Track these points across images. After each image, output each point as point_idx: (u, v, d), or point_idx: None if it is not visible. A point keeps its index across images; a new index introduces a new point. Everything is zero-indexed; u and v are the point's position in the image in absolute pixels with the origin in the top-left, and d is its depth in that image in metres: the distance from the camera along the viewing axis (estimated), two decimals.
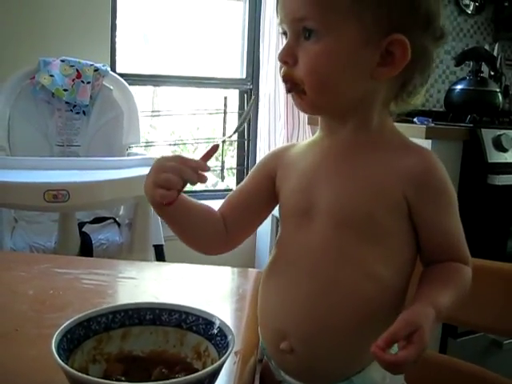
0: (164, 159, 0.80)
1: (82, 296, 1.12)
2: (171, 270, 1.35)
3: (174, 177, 0.78)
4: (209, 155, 0.82)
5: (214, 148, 0.83)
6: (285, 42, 0.83)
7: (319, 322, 0.81)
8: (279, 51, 0.82)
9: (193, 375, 0.64)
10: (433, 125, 2.35)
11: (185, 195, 0.85)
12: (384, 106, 0.84)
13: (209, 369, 0.66)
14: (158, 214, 0.85)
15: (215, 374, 0.68)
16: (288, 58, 0.81)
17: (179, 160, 0.79)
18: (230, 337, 0.73)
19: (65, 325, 0.75)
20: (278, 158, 0.92)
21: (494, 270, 1.08)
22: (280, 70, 0.84)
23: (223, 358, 0.68)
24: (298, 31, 0.80)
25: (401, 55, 0.78)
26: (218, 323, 0.77)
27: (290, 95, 0.85)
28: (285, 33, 0.83)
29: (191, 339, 0.80)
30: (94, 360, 0.77)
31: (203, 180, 0.80)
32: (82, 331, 0.77)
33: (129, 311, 0.81)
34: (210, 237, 0.93)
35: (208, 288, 1.20)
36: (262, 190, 0.91)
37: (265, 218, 0.95)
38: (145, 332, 0.81)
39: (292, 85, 0.82)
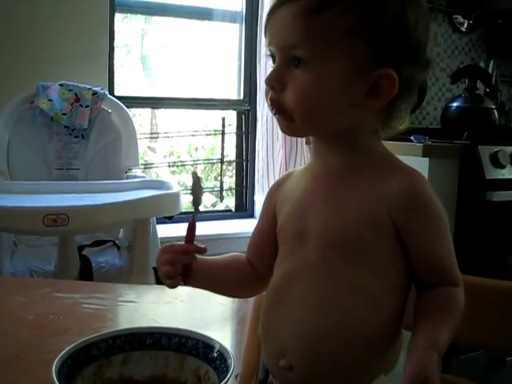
0: (160, 253, 0.90)
1: (82, 321, 1.12)
2: (171, 294, 1.34)
3: (170, 268, 0.88)
4: (191, 234, 0.90)
5: (191, 224, 0.90)
6: (272, 64, 0.83)
7: (315, 341, 0.81)
8: (267, 75, 0.82)
9: None
10: (429, 143, 2.36)
11: (207, 258, 0.94)
12: (372, 132, 0.85)
13: None
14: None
15: None
16: (276, 83, 0.81)
17: (169, 250, 0.89)
18: (229, 361, 0.73)
19: (65, 351, 0.75)
20: (277, 188, 0.94)
21: (494, 288, 1.08)
22: (266, 94, 0.84)
23: (223, 382, 0.68)
24: (288, 58, 0.80)
25: (388, 88, 0.79)
26: (217, 347, 0.78)
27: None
28: (272, 55, 0.83)
29: (191, 363, 0.80)
30: None
31: (201, 251, 0.90)
32: (82, 357, 0.77)
33: (129, 336, 0.82)
34: (243, 284, 0.98)
35: (208, 311, 1.20)
36: (273, 223, 0.92)
37: None
38: (145, 356, 0.81)
39: (279, 110, 0.82)
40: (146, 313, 1.18)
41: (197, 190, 0.93)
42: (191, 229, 0.90)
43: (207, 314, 1.18)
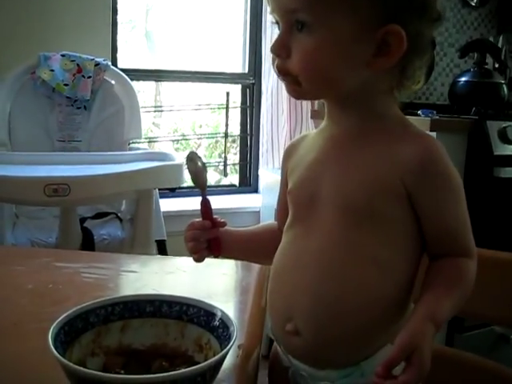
0: (185, 230, 0.94)
1: (82, 290, 1.10)
2: (173, 264, 1.33)
3: (193, 243, 0.93)
4: (205, 211, 0.94)
5: (202, 203, 0.94)
6: (277, 32, 0.81)
7: (323, 305, 0.81)
8: (272, 43, 0.81)
9: (194, 367, 0.62)
10: (437, 117, 2.32)
11: (240, 229, 1.00)
12: (387, 94, 0.83)
13: (210, 361, 0.64)
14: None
15: (217, 366, 0.66)
16: (281, 50, 0.80)
17: (190, 227, 0.93)
18: (231, 328, 0.71)
19: (62, 317, 0.73)
20: (289, 151, 0.95)
21: (503, 261, 1.06)
22: (273, 62, 0.83)
23: (225, 350, 0.66)
24: (291, 23, 0.78)
25: (397, 46, 0.76)
26: (219, 315, 0.75)
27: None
28: (277, 22, 0.82)
29: (192, 332, 0.78)
30: (92, 353, 0.76)
31: (219, 226, 0.94)
32: (80, 324, 0.75)
33: (128, 303, 0.80)
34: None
35: (211, 281, 1.18)
36: None
37: None
38: (145, 325, 0.80)
39: (286, 77, 0.81)
40: (147, 283, 1.16)
41: (195, 170, 0.93)
42: (204, 206, 0.93)
43: (210, 285, 1.16)
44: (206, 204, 0.93)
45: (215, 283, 1.18)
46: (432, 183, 0.78)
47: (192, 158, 0.94)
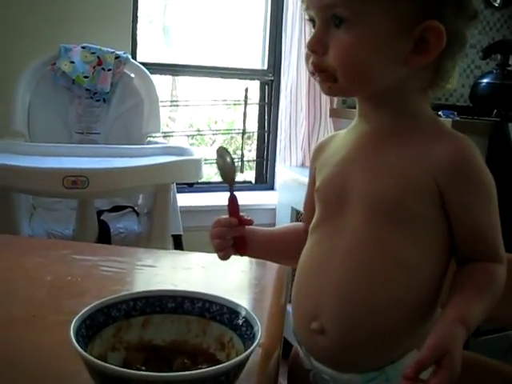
0: (211, 227, 0.93)
1: (101, 283, 1.10)
2: (190, 259, 1.33)
3: (218, 241, 0.92)
4: (232, 208, 0.92)
5: (229, 199, 0.92)
6: (308, 29, 0.80)
7: (350, 305, 0.80)
8: (308, 39, 0.80)
9: (218, 366, 0.61)
10: (458, 118, 2.30)
11: (266, 229, 1.00)
12: (420, 92, 0.82)
13: (235, 360, 0.63)
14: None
15: (241, 365, 0.65)
16: (318, 47, 0.79)
17: (216, 224, 0.92)
18: (256, 327, 0.70)
19: (84, 311, 0.73)
20: (319, 150, 0.94)
21: None
22: (307, 58, 0.82)
23: (250, 350, 0.65)
24: (327, 19, 0.77)
25: (436, 42, 0.75)
26: (243, 313, 0.74)
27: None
28: (311, 19, 0.81)
29: (214, 329, 0.77)
30: (113, 348, 0.75)
31: (246, 224, 0.93)
32: (101, 318, 0.74)
33: (150, 299, 0.79)
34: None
35: (228, 278, 1.17)
36: None
37: None
38: (166, 320, 0.79)
39: (322, 73, 0.80)
40: (165, 278, 1.15)
41: (224, 165, 0.93)
42: (231, 203, 0.92)
43: (227, 282, 1.15)
44: (233, 200, 0.92)
45: (233, 280, 1.17)
46: (465, 183, 0.77)
47: (221, 154, 0.92)
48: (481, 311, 0.74)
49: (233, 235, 0.92)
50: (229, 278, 1.17)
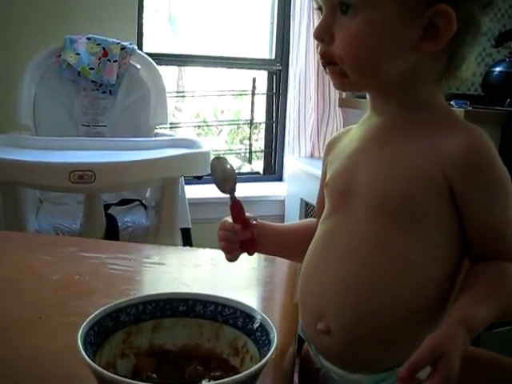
0: (219, 228, 0.90)
1: (109, 282, 1.07)
2: (199, 256, 1.30)
3: (225, 243, 0.89)
4: (236, 215, 0.88)
5: (232, 207, 0.88)
6: (317, 18, 0.78)
7: (354, 303, 0.77)
8: (314, 28, 0.77)
9: (234, 377, 0.58)
10: (470, 108, 2.25)
11: (278, 225, 0.98)
12: (433, 82, 0.78)
13: (251, 370, 0.60)
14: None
15: (257, 374, 0.62)
16: (324, 35, 0.76)
17: (221, 227, 0.89)
18: (272, 334, 0.67)
19: (92, 316, 0.70)
20: (331, 144, 0.92)
21: None
22: (316, 48, 0.79)
23: (267, 358, 0.62)
24: (334, 6, 0.75)
25: (446, 27, 0.72)
26: (259, 318, 0.71)
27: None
28: (319, 8, 0.78)
29: (228, 333, 0.74)
30: (122, 354, 0.72)
31: (250, 227, 0.89)
32: (110, 323, 0.71)
33: (160, 302, 0.76)
34: None
35: (240, 275, 1.14)
36: None
37: None
38: (177, 324, 0.76)
39: (332, 67, 0.78)
40: (176, 276, 1.12)
41: (224, 171, 0.88)
42: (234, 210, 0.88)
43: (238, 279, 1.12)
44: (235, 207, 0.88)
45: (244, 277, 1.14)
46: (478, 177, 0.73)
47: (219, 162, 0.88)
48: (487, 313, 0.71)
49: (239, 239, 0.89)
50: (239, 276, 1.14)
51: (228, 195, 0.88)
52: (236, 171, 0.88)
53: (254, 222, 0.89)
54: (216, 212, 0.94)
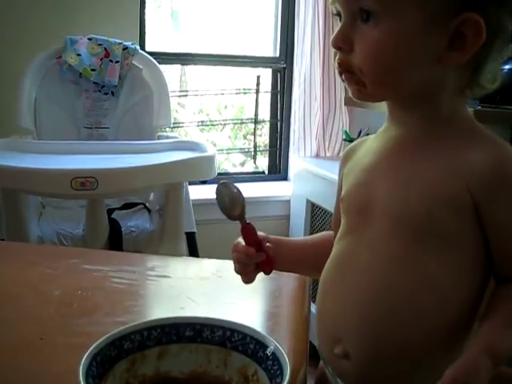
0: (232, 249, 0.86)
1: (113, 297, 1.05)
2: (205, 267, 1.27)
3: (239, 265, 0.86)
4: (248, 239, 0.84)
5: (242, 232, 0.84)
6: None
7: (374, 328, 0.74)
8: (333, 36, 0.73)
9: None
10: (480, 107, 2.21)
11: (294, 240, 0.97)
12: (456, 94, 0.74)
13: None
14: None
15: None
16: (343, 43, 0.72)
17: (234, 249, 0.85)
18: (285, 366, 0.63)
19: (94, 345, 0.66)
20: (347, 155, 0.88)
21: None
22: (334, 57, 0.75)
23: None
24: (355, 13, 0.71)
25: (473, 37, 0.68)
26: (270, 345, 0.67)
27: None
28: (338, 14, 0.74)
29: (237, 360, 0.70)
30: None
31: (268, 250, 0.85)
32: (113, 352, 0.68)
33: (166, 327, 0.72)
34: None
35: (248, 288, 1.10)
36: None
37: None
38: (184, 350, 0.72)
39: (349, 75, 0.74)
40: (182, 290, 1.08)
41: (231, 194, 0.84)
42: (246, 234, 0.85)
43: (245, 292, 1.08)
44: (247, 231, 0.84)
45: (252, 289, 1.10)
46: (504, 194, 0.69)
47: (226, 188, 0.84)
48: None
49: (253, 262, 0.85)
50: (246, 289, 1.10)
51: (237, 221, 0.84)
52: (242, 172, 0.84)
53: (268, 245, 0.86)
54: (221, 213, 0.89)
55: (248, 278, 0.87)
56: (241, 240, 0.85)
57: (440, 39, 0.69)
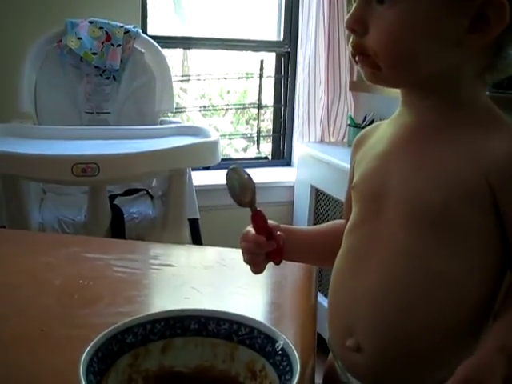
0: (241, 239, 0.84)
1: (114, 287, 1.02)
2: (209, 256, 1.24)
3: (248, 256, 0.83)
4: (258, 226, 0.82)
5: (253, 218, 0.82)
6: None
7: (387, 321, 0.72)
8: (346, 17, 0.70)
9: None
10: (488, 93, 2.17)
11: (305, 230, 0.97)
12: (475, 79, 0.71)
13: None
14: None
15: None
16: (357, 25, 0.69)
17: (243, 238, 0.83)
18: (295, 363, 0.60)
19: (95, 340, 0.63)
20: (359, 141, 0.85)
21: None
22: (348, 39, 0.72)
23: None
24: None
25: (497, 19, 0.64)
26: (279, 340, 0.64)
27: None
28: None
29: (244, 355, 0.68)
30: (129, 379, 0.66)
31: (279, 238, 0.82)
32: (115, 346, 0.65)
33: (170, 320, 0.70)
34: None
35: (252, 276, 1.07)
36: None
37: None
38: (189, 344, 0.69)
39: (363, 57, 0.71)
40: (185, 279, 1.06)
41: (241, 180, 0.80)
42: (256, 221, 0.82)
43: (250, 282, 1.05)
44: (257, 218, 0.81)
45: (257, 278, 1.07)
46: None
47: (236, 172, 0.81)
48: None
49: (263, 251, 0.82)
50: (251, 278, 1.07)
51: (247, 207, 0.81)
52: (245, 158, 0.81)
53: (279, 233, 0.83)
54: (224, 199, 0.86)
55: (258, 269, 0.84)
56: (250, 229, 0.82)
57: (461, 21, 0.65)
